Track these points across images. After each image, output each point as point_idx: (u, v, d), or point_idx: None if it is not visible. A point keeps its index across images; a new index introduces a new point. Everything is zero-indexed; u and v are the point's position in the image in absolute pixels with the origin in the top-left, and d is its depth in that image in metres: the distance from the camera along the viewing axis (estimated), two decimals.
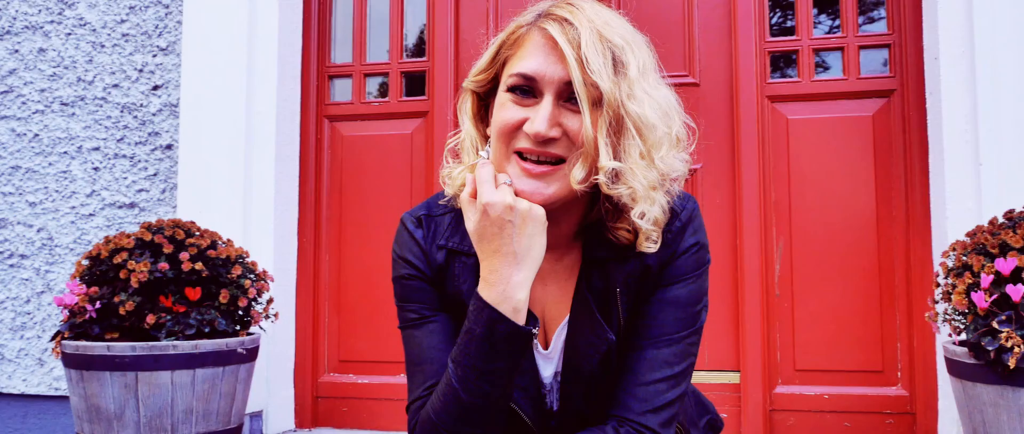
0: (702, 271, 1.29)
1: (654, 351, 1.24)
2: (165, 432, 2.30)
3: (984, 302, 1.88)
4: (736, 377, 2.78)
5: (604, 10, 1.20)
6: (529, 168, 1.17)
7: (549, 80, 1.15)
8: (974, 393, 1.97)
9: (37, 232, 3.12)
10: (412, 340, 1.31)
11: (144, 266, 2.33)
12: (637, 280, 1.26)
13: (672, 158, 1.20)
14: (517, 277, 1.15)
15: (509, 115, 1.18)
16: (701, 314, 1.30)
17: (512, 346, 1.15)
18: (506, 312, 1.14)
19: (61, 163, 3.12)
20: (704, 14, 2.91)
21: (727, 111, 2.86)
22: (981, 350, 1.89)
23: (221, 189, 2.90)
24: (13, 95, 3.18)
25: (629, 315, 1.27)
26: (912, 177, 2.70)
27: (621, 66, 1.14)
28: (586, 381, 1.28)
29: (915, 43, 2.72)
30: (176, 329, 2.32)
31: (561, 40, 1.13)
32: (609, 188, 1.15)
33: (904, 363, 2.69)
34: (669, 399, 1.23)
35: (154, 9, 3.10)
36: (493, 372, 1.15)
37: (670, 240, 1.26)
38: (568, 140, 1.16)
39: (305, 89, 3.12)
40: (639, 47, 1.19)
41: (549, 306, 1.32)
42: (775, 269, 2.79)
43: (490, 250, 1.16)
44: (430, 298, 1.31)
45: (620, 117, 1.14)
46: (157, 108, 3.06)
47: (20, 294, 3.12)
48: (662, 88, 1.21)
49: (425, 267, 1.31)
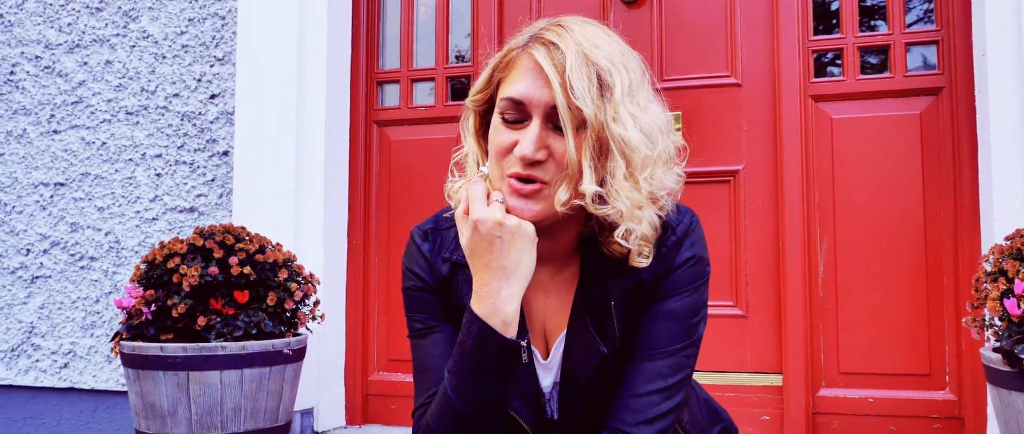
0: (699, 284, 1.31)
1: (649, 363, 1.27)
2: (215, 429, 2.41)
3: (1017, 309, 1.84)
4: (779, 379, 2.77)
5: (595, 31, 1.23)
6: (517, 187, 1.21)
7: (536, 104, 1.19)
8: (1009, 401, 1.93)
9: (105, 235, 3.29)
10: (418, 349, 1.37)
11: (195, 270, 2.44)
12: (632, 293, 1.29)
13: (662, 176, 1.22)
14: (507, 291, 1.19)
15: (502, 139, 1.23)
16: (699, 326, 1.32)
17: (502, 358, 1.19)
18: (495, 325, 1.18)
19: (126, 170, 3.28)
20: (746, 13, 2.89)
21: (769, 112, 2.84)
22: (1015, 358, 1.85)
23: (273, 194, 3.01)
24: (83, 105, 3.36)
25: (626, 327, 1.30)
26: (961, 176, 2.64)
27: (607, 88, 1.17)
28: (582, 392, 1.32)
29: (964, 39, 2.66)
30: (225, 331, 2.43)
31: (546, 64, 1.17)
32: (595, 209, 1.18)
33: (952, 367, 2.64)
34: (662, 410, 1.26)
35: (211, 21, 3.23)
36: (485, 382, 1.20)
37: (666, 253, 1.29)
38: (554, 162, 1.19)
39: (354, 95, 3.21)
40: (627, 68, 1.21)
41: (550, 317, 1.36)
42: (819, 270, 2.76)
43: (481, 264, 1.20)
44: (435, 309, 1.36)
45: (604, 140, 1.17)
46: (214, 116, 3.19)
47: (90, 294, 3.29)
48: (653, 107, 1.24)
49: (430, 279, 1.36)
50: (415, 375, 1.37)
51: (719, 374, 2.82)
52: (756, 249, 2.82)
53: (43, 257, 3.36)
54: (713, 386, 2.81)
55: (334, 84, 3.10)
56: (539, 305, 1.36)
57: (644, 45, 2.98)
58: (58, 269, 3.34)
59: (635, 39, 2.95)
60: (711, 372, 2.83)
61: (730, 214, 2.86)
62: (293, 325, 2.61)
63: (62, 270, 3.33)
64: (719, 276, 2.86)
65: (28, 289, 3.37)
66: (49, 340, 3.32)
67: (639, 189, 1.18)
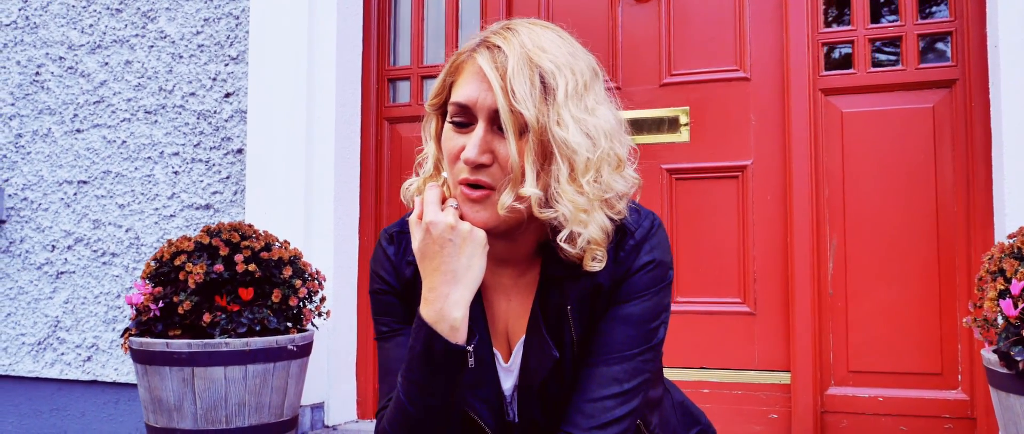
0: (658, 288, 1.30)
1: (605, 368, 1.26)
2: (220, 423, 2.46)
3: (1012, 310, 1.79)
4: (787, 377, 2.73)
5: (544, 33, 1.23)
6: (468, 193, 1.21)
7: (480, 107, 1.19)
8: (1008, 404, 1.88)
9: (126, 232, 3.36)
10: (382, 351, 1.38)
11: (200, 268, 2.48)
12: (590, 298, 1.28)
13: (610, 179, 1.21)
14: (455, 295, 1.19)
15: (451, 144, 1.23)
16: (658, 331, 1.30)
17: (449, 363, 1.19)
18: (443, 330, 1.18)
19: (145, 167, 3.35)
20: (755, 5, 2.84)
21: (778, 105, 2.79)
22: (1011, 360, 1.80)
23: (285, 191, 3.05)
24: (104, 105, 3.43)
25: (584, 332, 1.29)
26: (975, 171, 2.57)
27: (550, 92, 1.17)
28: (540, 395, 1.32)
29: (979, 30, 2.58)
30: (230, 327, 2.47)
31: (488, 68, 1.17)
32: (540, 213, 1.18)
33: (965, 366, 2.58)
34: (617, 416, 1.25)
35: (226, 21, 3.27)
36: (434, 387, 1.20)
37: (624, 258, 1.28)
38: (500, 166, 1.19)
39: (366, 92, 3.23)
40: (574, 70, 1.20)
41: (512, 321, 1.36)
42: (828, 267, 2.71)
43: (431, 268, 1.20)
44: (399, 312, 1.37)
45: (547, 142, 1.17)
46: (229, 114, 3.24)
47: (111, 289, 3.37)
48: (602, 109, 1.23)
49: (395, 282, 1.37)
50: (379, 377, 1.38)
51: (727, 371, 2.80)
52: (764, 245, 2.79)
53: (67, 253, 3.45)
54: (720, 383, 2.79)
55: (344, 82, 3.13)
56: (502, 308, 1.36)
57: (651, 39, 2.95)
58: (82, 265, 3.42)
59: (643, 34, 2.94)
60: (718, 369, 2.80)
61: (738, 210, 2.82)
62: (299, 321, 2.65)
63: (85, 266, 3.42)
64: (727, 272, 2.83)
65: (53, 284, 3.47)
66: (73, 334, 3.41)
67: (583, 192, 1.18)
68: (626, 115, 2.88)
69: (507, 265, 1.34)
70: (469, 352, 1.20)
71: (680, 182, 2.89)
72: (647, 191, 2.91)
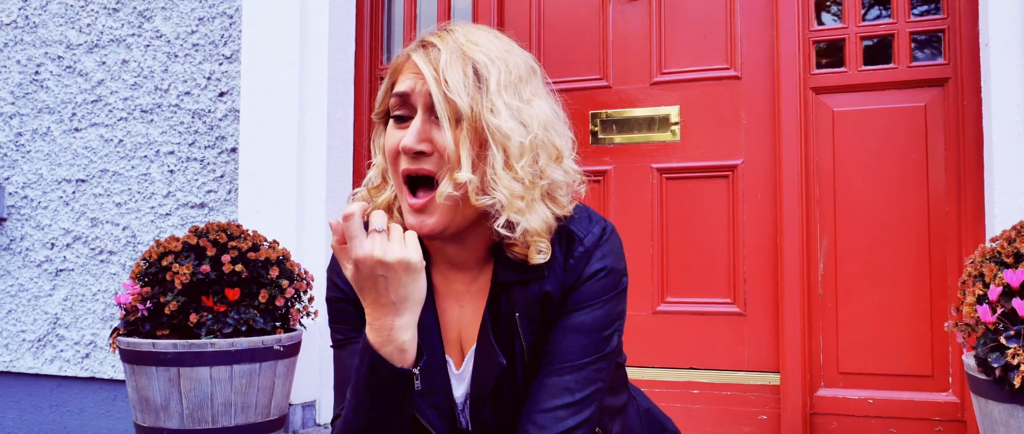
0: (611, 296, 1.29)
1: (556, 378, 1.26)
2: (206, 422, 2.47)
3: (990, 316, 1.76)
4: (776, 379, 2.71)
5: (479, 31, 1.26)
6: (413, 203, 1.21)
7: (418, 95, 1.21)
8: (987, 410, 1.86)
9: (123, 230, 3.39)
10: (337, 359, 1.38)
11: (186, 269, 2.50)
12: (540, 305, 1.27)
13: (549, 168, 1.23)
14: (399, 322, 1.17)
15: (391, 140, 1.25)
16: (611, 339, 1.29)
17: (395, 386, 1.18)
18: (388, 354, 1.17)
19: (142, 166, 3.37)
20: (746, 4, 2.82)
21: (769, 104, 2.77)
22: (988, 367, 1.78)
23: (277, 190, 3.06)
24: (102, 104, 3.45)
25: (535, 339, 1.29)
26: (966, 171, 2.54)
27: (483, 81, 1.19)
28: (493, 403, 1.31)
29: (971, 29, 2.55)
30: (215, 328, 2.48)
31: (422, 62, 1.20)
32: (476, 200, 1.19)
33: (955, 368, 2.55)
34: (569, 426, 1.24)
35: (220, 20, 3.28)
36: (380, 407, 1.20)
37: (574, 265, 1.27)
38: (439, 155, 1.20)
39: (358, 91, 3.24)
40: (508, 64, 1.22)
41: (465, 327, 1.35)
42: (818, 267, 2.69)
43: (370, 300, 1.17)
44: (354, 320, 1.37)
45: (481, 129, 1.18)
46: (223, 113, 3.25)
47: (109, 287, 3.40)
48: (539, 102, 1.25)
49: (350, 290, 1.37)
50: (334, 384, 1.38)
51: (716, 372, 2.78)
52: (755, 246, 2.77)
53: (66, 251, 3.48)
54: (710, 384, 2.78)
55: (337, 81, 3.13)
56: (454, 315, 1.35)
57: (642, 38, 2.93)
58: (80, 263, 3.45)
59: (633, 32, 2.92)
60: (707, 370, 2.79)
61: (728, 210, 2.80)
62: (286, 321, 2.66)
63: (84, 263, 3.45)
64: (717, 273, 2.81)
65: (53, 282, 3.50)
66: (72, 331, 3.44)
67: (519, 179, 1.19)
68: (620, 113, 2.88)
69: (459, 270, 1.34)
70: (416, 375, 1.19)
71: (670, 181, 2.87)
72: (637, 191, 2.89)
